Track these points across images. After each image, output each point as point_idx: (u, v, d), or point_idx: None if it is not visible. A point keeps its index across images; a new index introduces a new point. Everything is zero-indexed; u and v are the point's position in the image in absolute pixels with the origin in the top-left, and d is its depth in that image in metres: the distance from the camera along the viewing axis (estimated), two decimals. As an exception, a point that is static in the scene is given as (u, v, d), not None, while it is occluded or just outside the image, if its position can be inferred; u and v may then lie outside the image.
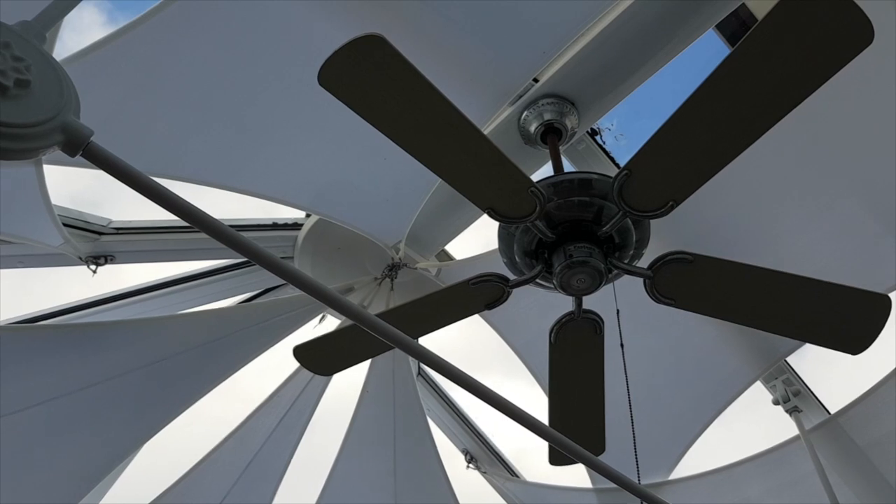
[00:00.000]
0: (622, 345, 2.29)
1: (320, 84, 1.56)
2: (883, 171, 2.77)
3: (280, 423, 3.36)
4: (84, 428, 2.81)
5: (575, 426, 2.60)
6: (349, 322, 2.48)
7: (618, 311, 2.29)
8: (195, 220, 1.04)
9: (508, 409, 1.65)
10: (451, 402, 4.24)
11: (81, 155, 0.92)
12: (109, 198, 3.11)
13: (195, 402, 2.98)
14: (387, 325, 1.44)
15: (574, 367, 2.46)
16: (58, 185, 2.58)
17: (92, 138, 0.92)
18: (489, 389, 1.61)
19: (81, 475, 2.92)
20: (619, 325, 2.27)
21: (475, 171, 1.83)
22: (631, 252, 2.20)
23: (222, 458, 3.34)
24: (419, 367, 4.06)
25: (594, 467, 1.77)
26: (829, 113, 2.61)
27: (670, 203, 1.88)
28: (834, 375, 3.73)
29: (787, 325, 2.17)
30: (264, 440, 3.36)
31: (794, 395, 3.31)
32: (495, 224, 2.20)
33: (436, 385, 4.20)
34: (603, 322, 2.30)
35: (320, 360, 2.44)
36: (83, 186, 3.17)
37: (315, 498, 3.68)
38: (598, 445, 2.77)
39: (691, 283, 2.10)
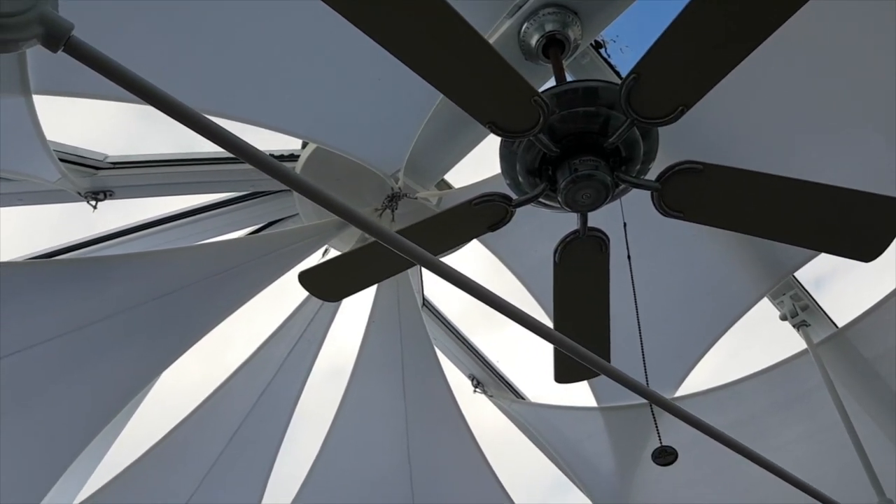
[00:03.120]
0: (629, 257, 2.26)
1: (310, -13, 1.49)
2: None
3: (291, 352, 3.39)
4: (97, 362, 2.84)
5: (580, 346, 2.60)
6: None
7: (625, 223, 2.26)
8: (193, 122, 0.99)
9: (524, 320, 1.65)
10: (455, 330, 4.26)
11: (63, 50, 0.87)
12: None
13: (205, 334, 2.99)
14: (408, 243, 1.43)
15: (579, 286, 2.45)
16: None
17: (73, 33, 0.87)
18: (506, 301, 1.62)
19: (97, 409, 2.96)
20: (626, 238, 2.24)
21: (475, 81, 1.76)
22: (638, 166, 2.15)
23: (235, 389, 3.39)
24: (423, 298, 4.07)
25: (606, 372, 1.78)
26: (844, 24, 2.52)
27: (680, 108, 1.82)
28: (842, 295, 3.73)
29: (799, 234, 2.14)
30: (276, 370, 3.39)
31: (801, 310, 3.30)
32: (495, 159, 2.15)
33: (440, 315, 4.22)
34: (608, 240, 2.27)
35: (326, 286, 2.43)
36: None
37: (328, 424, 3.75)
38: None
39: (700, 194, 2.06)
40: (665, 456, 1.96)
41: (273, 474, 3.82)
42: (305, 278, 2.37)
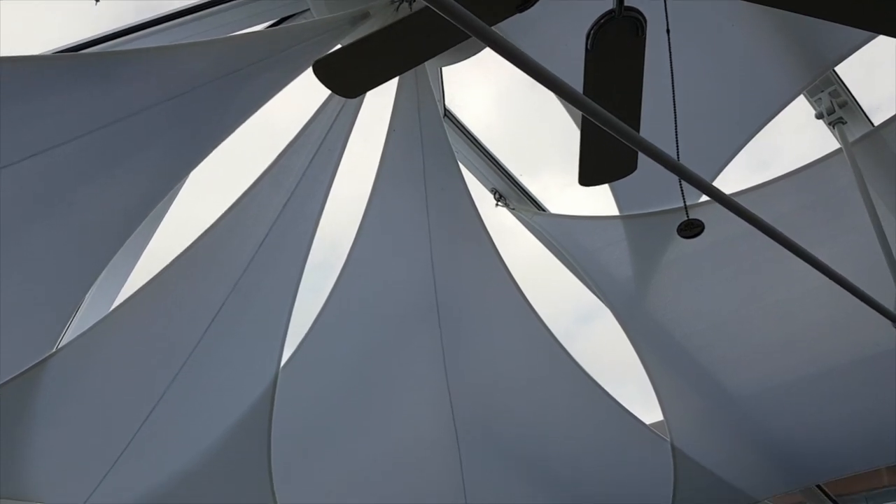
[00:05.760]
0: (668, 30, 2.12)
1: None
2: None
3: (312, 161, 3.35)
4: (118, 165, 2.83)
5: (608, 142, 2.53)
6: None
7: (665, -8, 2.09)
8: None
9: (566, 92, 1.58)
10: (477, 142, 4.17)
11: None
12: None
13: (225, 137, 2.95)
14: (460, 8, 1.35)
15: (611, 75, 2.33)
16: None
17: None
18: (555, 76, 1.55)
19: (125, 212, 3.00)
20: (665, 8, 2.08)
21: None
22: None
23: (259, 198, 3.40)
24: (444, 107, 3.95)
25: (637, 145, 1.73)
26: None
27: None
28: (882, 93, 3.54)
29: (857, 9, 1.97)
30: (298, 178, 3.38)
31: (839, 107, 3.16)
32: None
33: (462, 125, 4.11)
34: (646, 21, 2.12)
35: (344, 77, 2.33)
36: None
37: (353, 234, 3.81)
38: (630, 162, 2.73)
39: (749, -39, 1.88)
40: (691, 228, 1.96)
41: (301, 286, 3.96)
42: (321, 69, 2.26)
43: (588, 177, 2.82)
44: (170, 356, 3.67)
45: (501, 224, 4.43)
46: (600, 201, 3.97)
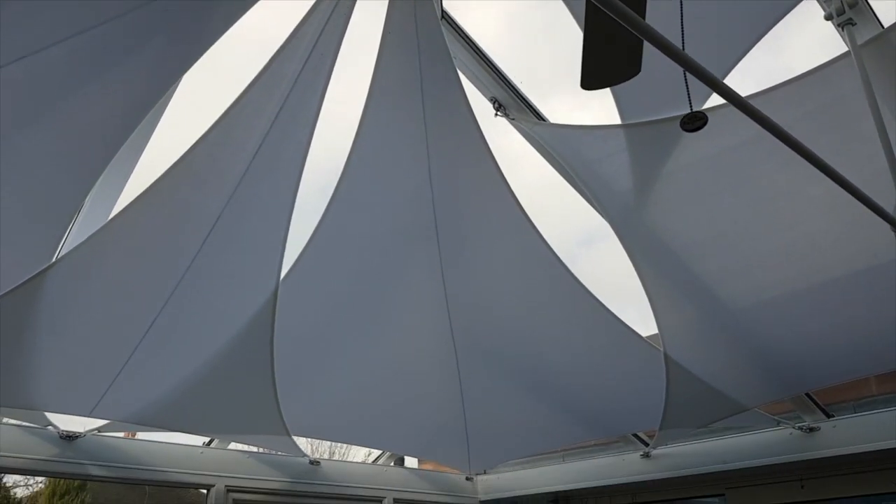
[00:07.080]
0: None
1: None
2: None
3: (304, 66, 3.26)
4: (109, 68, 2.75)
5: (612, 44, 2.45)
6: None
7: None
8: None
9: None
10: (476, 47, 4.05)
11: None
12: None
13: (216, 39, 2.86)
14: None
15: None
16: None
17: None
18: None
19: (119, 116, 2.94)
20: None
21: None
22: None
23: (251, 104, 3.33)
24: (442, 9, 3.82)
25: (642, 32, 1.67)
26: None
27: None
28: None
29: None
30: (291, 85, 3.30)
31: (849, 7, 3.05)
32: None
33: (461, 30, 3.97)
34: None
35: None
36: None
37: (349, 144, 3.76)
38: (634, 62, 2.66)
39: None
40: (694, 121, 1.92)
41: (305, 210, 3.93)
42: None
43: (590, 80, 2.75)
44: (169, 267, 3.69)
45: (504, 150, 4.36)
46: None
